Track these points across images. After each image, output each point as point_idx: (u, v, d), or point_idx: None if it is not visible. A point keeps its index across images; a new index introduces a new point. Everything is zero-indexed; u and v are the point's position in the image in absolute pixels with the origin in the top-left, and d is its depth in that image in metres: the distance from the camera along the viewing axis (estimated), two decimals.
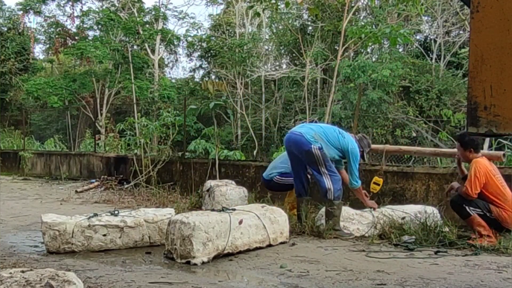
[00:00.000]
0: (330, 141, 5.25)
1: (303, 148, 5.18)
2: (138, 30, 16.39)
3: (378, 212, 5.25)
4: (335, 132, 5.36)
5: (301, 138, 5.20)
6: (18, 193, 9.50)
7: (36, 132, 18.93)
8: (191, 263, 3.93)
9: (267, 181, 6.30)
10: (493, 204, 4.72)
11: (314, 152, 5.11)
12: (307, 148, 5.14)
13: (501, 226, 4.72)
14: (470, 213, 4.70)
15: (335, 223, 5.08)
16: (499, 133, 1.75)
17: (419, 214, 5.12)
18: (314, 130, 5.30)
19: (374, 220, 5.13)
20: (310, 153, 5.13)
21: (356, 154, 5.26)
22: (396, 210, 5.31)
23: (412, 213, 5.17)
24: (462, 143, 4.93)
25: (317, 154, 5.11)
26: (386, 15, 12.55)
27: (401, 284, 3.44)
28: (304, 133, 5.23)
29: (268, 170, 6.34)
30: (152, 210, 5.13)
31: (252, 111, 14.92)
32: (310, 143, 5.13)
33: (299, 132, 5.30)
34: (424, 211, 5.17)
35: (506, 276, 3.66)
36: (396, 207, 5.43)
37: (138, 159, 9.35)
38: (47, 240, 4.34)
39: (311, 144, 5.12)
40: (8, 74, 19.09)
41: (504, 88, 1.72)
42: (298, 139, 5.23)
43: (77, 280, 2.41)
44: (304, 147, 5.16)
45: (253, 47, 14.95)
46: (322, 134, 5.25)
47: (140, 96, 16.09)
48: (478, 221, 4.67)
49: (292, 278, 3.60)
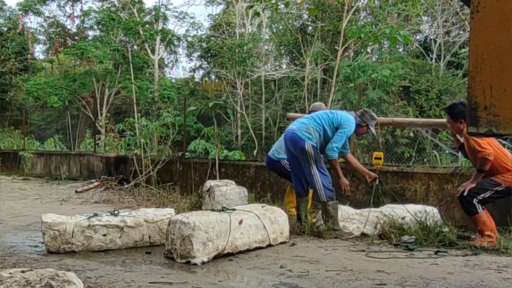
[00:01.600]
0: (323, 124, 5.20)
1: (297, 145, 5.17)
2: (138, 30, 16.40)
3: (378, 212, 5.24)
4: (325, 114, 5.31)
5: (294, 136, 5.20)
6: (18, 193, 9.50)
7: (36, 132, 18.93)
8: (191, 263, 3.93)
9: (273, 161, 6.15)
10: (498, 172, 4.59)
11: (307, 150, 5.10)
12: (301, 146, 5.14)
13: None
14: (478, 210, 4.59)
15: (333, 223, 5.06)
16: (499, 133, 1.75)
17: (419, 214, 5.12)
18: (305, 123, 5.26)
19: (372, 219, 5.11)
20: (304, 150, 5.12)
21: (347, 126, 5.17)
22: (397, 209, 5.30)
23: (412, 212, 5.16)
24: (452, 115, 4.77)
25: (310, 152, 5.10)
26: (386, 15, 12.56)
27: (401, 284, 3.44)
28: (297, 129, 5.21)
29: (275, 149, 6.17)
30: (152, 210, 5.13)
31: (252, 111, 14.93)
32: (304, 140, 5.12)
33: (292, 129, 5.29)
34: (424, 211, 5.16)
35: (506, 276, 3.66)
36: (397, 206, 5.42)
37: (138, 159, 9.35)
38: (47, 240, 4.34)
39: (305, 141, 5.12)
40: (8, 74, 19.10)
41: (504, 88, 1.72)
42: (293, 137, 5.22)
43: (77, 280, 2.41)
44: (298, 145, 5.16)
45: (253, 47, 14.95)
46: (313, 123, 5.21)
47: (140, 96, 16.09)
48: (483, 219, 4.59)
49: (292, 278, 3.60)
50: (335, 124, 5.20)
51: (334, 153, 5.19)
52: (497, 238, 4.61)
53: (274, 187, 7.46)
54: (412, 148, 10.18)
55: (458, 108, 4.70)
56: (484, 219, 4.60)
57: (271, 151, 6.30)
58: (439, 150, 8.86)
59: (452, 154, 8.60)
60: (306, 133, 5.16)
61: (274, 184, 7.52)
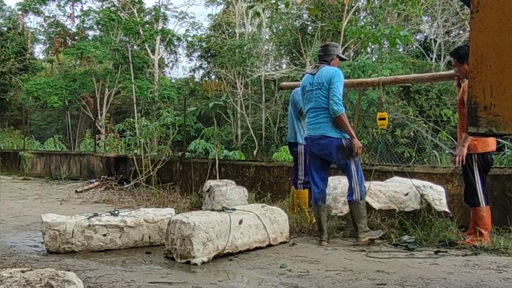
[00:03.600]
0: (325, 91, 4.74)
1: (333, 144, 4.70)
2: (138, 30, 16.41)
3: (383, 186, 5.17)
4: (317, 91, 4.82)
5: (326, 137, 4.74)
6: (18, 193, 9.50)
7: (36, 132, 18.94)
8: (191, 263, 3.93)
9: (297, 146, 5.86)
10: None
11: (345, 144, 4.68)
12: (337, 144, 4.69)
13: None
14: (481, 203, 4.53)
15: (365, 224, 4.78)
16: (499, 133, 1.75)
17: (423, 188, 5.07)
18: (324, 118, 4.76)
19: (375, 192, 5.03)
20: (341, 147, 4.69)
21: (339, 76, 4.73)
22: (402, 183, 5.23)
23: (418, 187, 5.15)
24: (458, 57, 4.59)
25: (348, 145, 4.68)
26: (386, 15, 12.56)
27: (401, 284, 3.44)
28: (326, 131, 4.74)
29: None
30: (152, 210, 5.13)
31: (252, 111, 14.94)
32: (338, 138, 4.69)
33: (319, 134, 4.77)
34: (429, 186, 5.12)
35: (506, 276, 3.66)
36: (402, 180, 5.33)
37: (138, 159, 9.36)
38: (47, 240, 4.34)
39: (340, 137, 4.69)
40: (8, 74, 19.12)
41: (504, 88, 1.72)
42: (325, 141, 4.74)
43: (77, 280, 2.41)
44: (335, 144, 4.70)
45: (253, 47, 14.96)
46: (323, 104, 4.76)
47: (140, 96, 16.10)
48: (482, 214, 4.54)
49: (292, 278, 3.60)
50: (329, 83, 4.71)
51: (340, 106, 4.63)
52: (488, 239, 4.57)
53: (274, 187, 7.45)
54: (412, 148, 10.18)
55: (464, 50, 4.60)
56: (483, 214, 4.55)
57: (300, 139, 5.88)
58: (439, 150, 8.85)
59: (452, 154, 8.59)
60: (333, 130, 4.71)
61: (274, 184, 7.51)
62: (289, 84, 7.31)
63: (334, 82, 4.69)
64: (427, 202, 5.15)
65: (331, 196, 5.29)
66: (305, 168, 5.71)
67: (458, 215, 5.22)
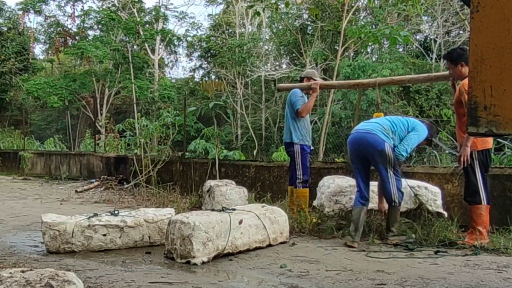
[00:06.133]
0: (399, 126, 4.86)
1: (376, 147, 4.73)
2: (138, 30, 16.41)
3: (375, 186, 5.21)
4: (398, 118, 5.02)
5: (374, 137, 4.77)
6: (18, 193, 9.50)
7: (36, 132, 18.94)
8: (191, 263, 3.93)
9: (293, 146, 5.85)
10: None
11: (387, 152, 4.72)
12: (380, 148, 4.72)
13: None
14: (482, 201, 4.53)
15: (397, 228, 4.85)
16: (499, 133, 1.75)
17: (417, 189, 5.14)
18: (380, 124, 4.89)
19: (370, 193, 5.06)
20: (383, 153, 4.72)
21: (420, 130, 4.86)
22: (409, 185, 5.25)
23: (412, 187, 5.20)
24: (451, 60, 4.63)
25: (390, 154, 4.74)
26: (386, 15, 12.56)
27: (401, 284, 3.44)
28: (374, 130, 4.80)
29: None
30: (152, 210, 5.13)
31: (252, 111, 14.94)
32: (384, 142, 4.74)
33: (367, 130, 4.84)
34: (424, 187, 5.15)
35: (506, 276, 3.66)
36: (410, 182, 5.33)
37: (138, 159, 9.36)
38: (47, 240, 4.34)
39: (385, 142, 4.74)
40: (8, 74, 19.12)
41: (504, 88, 1.72)
42: (371, 138, 4.77)
43: (77, 280, 2.41)
44: (377, 147, 4.74)
45: (253, 47, 14.96)
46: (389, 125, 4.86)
47: (140, 96, 16.11)
48: (481, 212, 4.54)
49: (292, 278, 3.60)
50: (409, 128, 4.90)
51: (402, 157, 4.82)
52: (487, 238, 4.57)
53: (274, 187, 7.45)
54: None
55: (456, 52, 4.64)
56: (481, 212, 4.55)
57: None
58: (439, 150, 8.85)
59: (452, 154, 8.59)
60: (384, 134, 4.78)
61: (274, 184, 7.51)
62: (287, 85, 7.30)
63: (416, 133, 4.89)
64: (420, 202, 5.17)
65: (324, 195, 5.39)
66: (303, 167, 5.75)
67: (458, 215, 5.22)
